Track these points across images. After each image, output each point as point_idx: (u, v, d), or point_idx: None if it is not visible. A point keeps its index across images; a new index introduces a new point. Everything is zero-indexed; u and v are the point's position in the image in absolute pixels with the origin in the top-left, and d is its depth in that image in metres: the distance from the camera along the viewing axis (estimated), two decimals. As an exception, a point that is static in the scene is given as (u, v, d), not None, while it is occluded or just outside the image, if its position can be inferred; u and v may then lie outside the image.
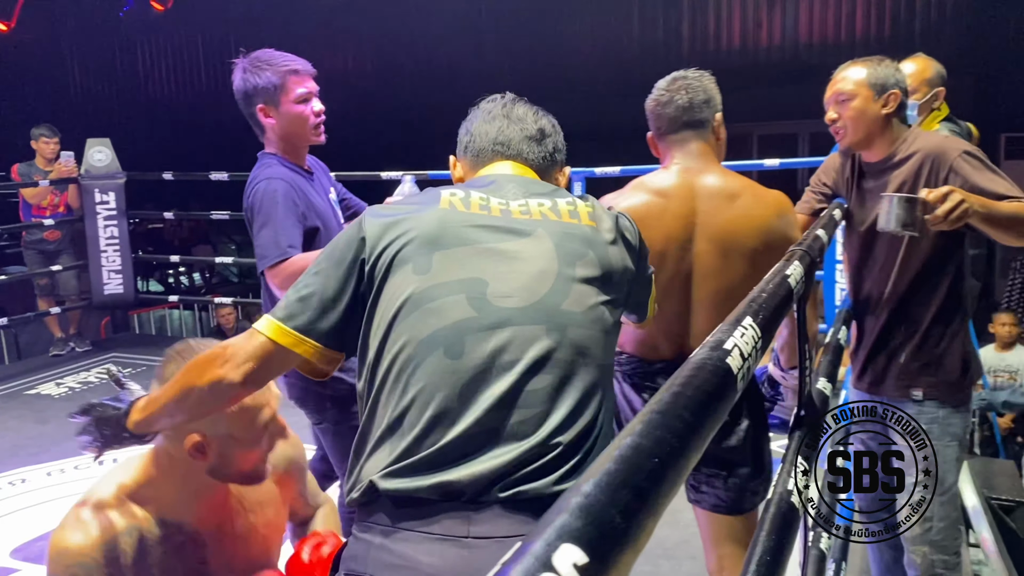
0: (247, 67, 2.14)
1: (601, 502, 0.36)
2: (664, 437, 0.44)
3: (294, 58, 2.16)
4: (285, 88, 2.12)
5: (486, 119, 1.39)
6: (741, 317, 0.72)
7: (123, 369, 5.08)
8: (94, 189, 5.73)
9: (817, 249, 1.24)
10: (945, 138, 2.04)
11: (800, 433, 1.06)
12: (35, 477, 3.68)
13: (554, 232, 1.17)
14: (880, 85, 1.98)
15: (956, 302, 2.09)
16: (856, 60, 2.06)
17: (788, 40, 9.79)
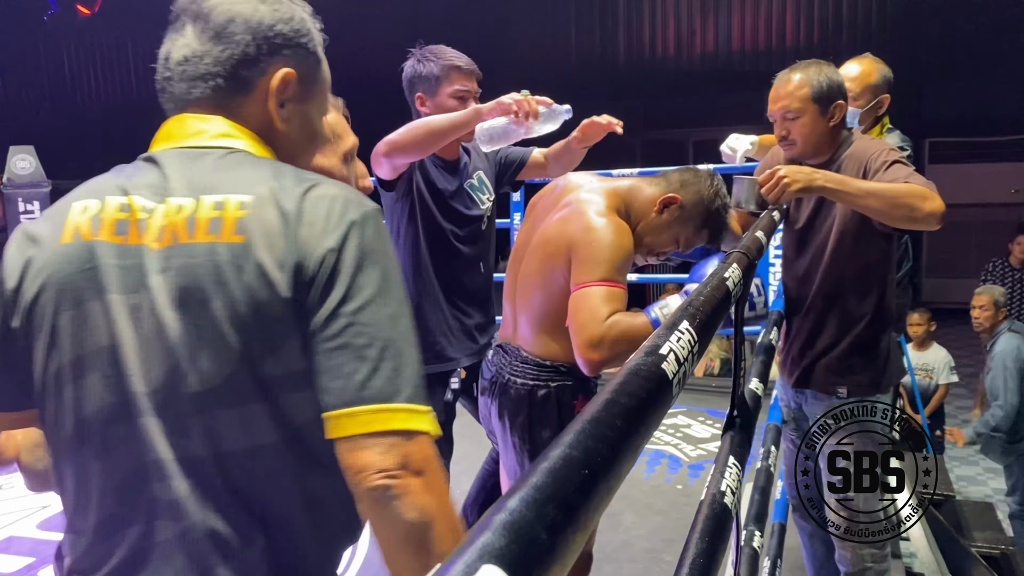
0: (417, 56, 2.21)
1: (526, 518, 0.35)
2: (595, 448, 0.43)
3: (463, 57, 2.21)
4: (444, 81, 2.18)
5: None
6: (678, 321, 0.71)
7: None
8: (17, 199, 5.52)
9: (755, 251, 1.24)
10: (873, 140, 2.08)
11: (732, 433, 1.06)
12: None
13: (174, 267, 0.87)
14: (826, 99, 2.01)
15: (881, 301, 2.12)
16: (796, 67, 2.05)
17: (722, 47, 9.98)
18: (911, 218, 1.82)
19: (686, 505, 3.19)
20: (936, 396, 5.07)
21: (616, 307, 1.55)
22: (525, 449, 1.75)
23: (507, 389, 1.75)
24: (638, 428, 0.49)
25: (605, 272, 1.57)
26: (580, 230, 1.65)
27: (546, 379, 1.72)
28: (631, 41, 10.06)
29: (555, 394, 1.71)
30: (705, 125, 10.19)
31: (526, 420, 1.73)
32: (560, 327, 1.69)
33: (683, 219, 1.76)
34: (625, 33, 10.06)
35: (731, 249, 1.20)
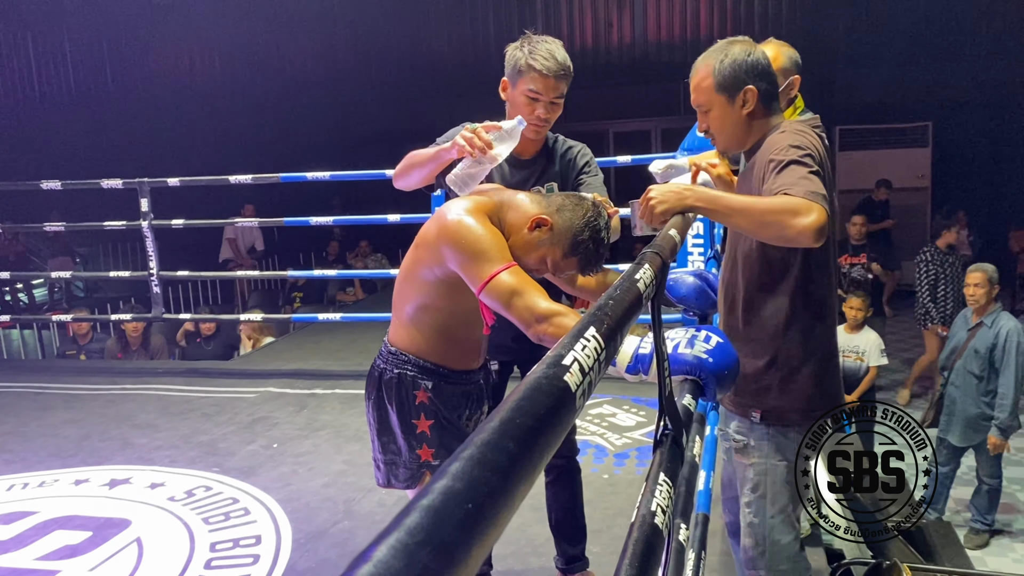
0: (522, 42, 2.19)
1: (393, 569, 0.31)
2: (483, 476, 0.39)
3: (554, 58, 2.13)
4: (523, 76, 2.15)
5: None
6: (584, 328, 0.68)
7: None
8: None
9: (669, 249, 1.22)
10: (781, 134, 1.82)
11: (663, 449, 1.03)
12: None
13: None
14: (730, 86, 1.82)
15: (793, 315, 1.88)
16: (704, 55, 1.88)
17: (638, 40, 10.08)
18: (782, 236, 1.61)
19: (612, 494, 3.20)
20: (867, 378, 5.20)
21: (529, 281, 1.66)
22: (374, 426, 1.96)
23: (370, 372, 1.97)
24: (534, 450, 0.46)
25: (499, 259, 1.67)
26: (449, 225, 1.73)
27: (393, 364, 1.91)
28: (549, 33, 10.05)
29: (397, 379, 1.90)
30: (625, 116, 10.30)
31: (376, 399, 1.94)
32: (404, 318, 1.90)
33: (551, 242, 1.79)
34: (543, 26, 10.06)
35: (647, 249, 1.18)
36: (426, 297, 1.85)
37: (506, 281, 1.63)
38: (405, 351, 1.90)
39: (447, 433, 1.91)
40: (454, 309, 1.86)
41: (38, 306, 9.95)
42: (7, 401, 4.84)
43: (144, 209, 5.10)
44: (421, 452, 1.89)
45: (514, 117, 2.26)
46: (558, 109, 2.25)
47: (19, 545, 3.04)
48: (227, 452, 3.84)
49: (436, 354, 1.90)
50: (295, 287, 8.62)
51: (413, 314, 1.88)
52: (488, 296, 1.66)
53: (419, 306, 1.87)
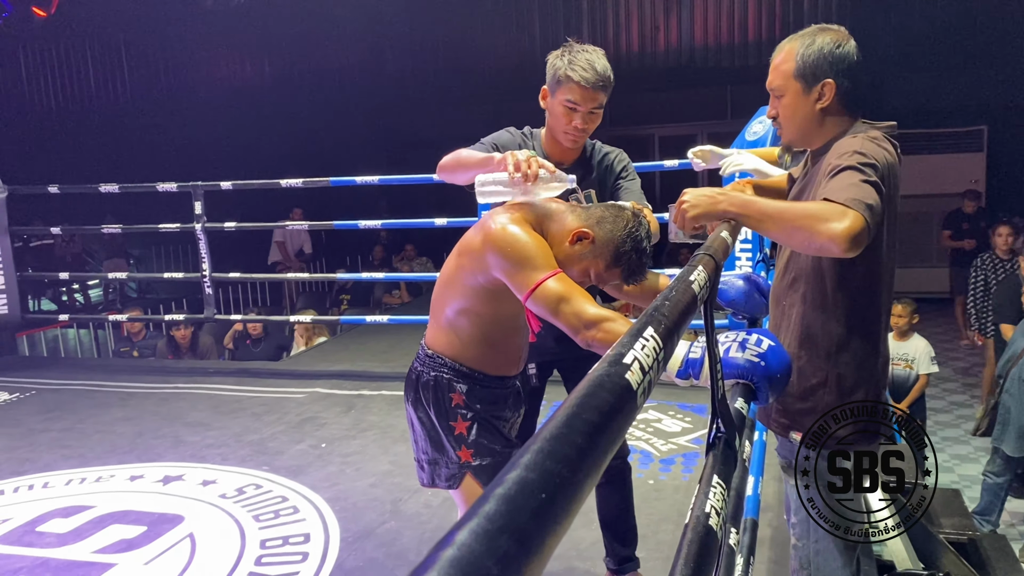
0: (564, 49, 2.20)
1: (476, 553, 0.32)
2: (554, 468, 0.40)
3: (594, 69, 2.14)
4: (562, 86, 2.17)
5: None
6: (642, 328, 0.69)
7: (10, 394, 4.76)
8: (-29, 205, 5.39)
9: (721, 251, 1.22)
10: (853, 138, 1.71)
11: (716, 452, 1.03)
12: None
13: None
14: (810, 75, 1.72)
15: (862, 332, 1.76)
16: (791, 37, 1.77)
17: (684, 44, 10.01)
18: (810, 244, 1.51)
19: (657, 500, 3.18)
20: (916, 386, 5.11)
21: (575, 288, 1.67)
22: (415, 427, 2.00)
23: (409, 375, 2.00)
24: (600, 444, 0.47)
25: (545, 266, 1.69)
26: (495, 233, 1.75)
27: (430, 367, 1.94)
28: (595, 38, 10.06)
29: (434, 382, 1.92)
30: (670, 121, 10.25)
31: (414, 401, 1.97)
32: (443, 323, 1.93)
33: (593, 254, 1.80)
34: (589, 31, 10.06)
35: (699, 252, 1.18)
36: (467, 303, 1.87)
37: (553, 288, 1.65)
38: (442, 355, 1.93)
39: (485, 434, 1.92)
40: (495, 316, 1.88)
41: (93, 306, 10.22)
42: (65, 398, 4.98)
43: (198, 212, 5.22)
44: (461, 454, 1.91)
45: (549, 126, 2.28)
46: (596, 119, 2.25)
47: (77, 538, 3.13)
48: (276, 451, 3.91)
49: (474, 359, 1.92)
50: (343, 289, 8.73)
51: (453, 319, 1.91)
52: (535, 303, 1.68)
53: (459, 311, 1.90)
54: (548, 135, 2.33)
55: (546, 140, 2.35)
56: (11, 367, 5.70)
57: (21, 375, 5.46)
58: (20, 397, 5.03)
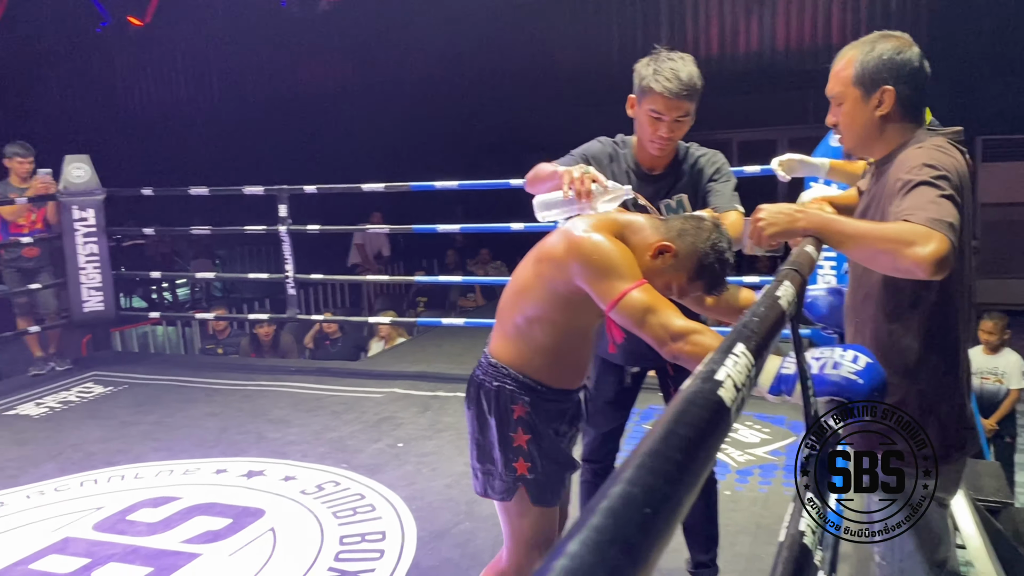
0: (651, 57, 2.22)
1: (587, 563, 0.34)
2: (655, 484, 0.42)
3: (676, 79, 2.16)
4: (646, 96, 2.20)
5: None
6: (733, 344, 0.69)
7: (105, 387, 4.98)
8: (72, 206, 5.66)
9: (807, 266, 1.21)
10: (918, 149, 1.66)
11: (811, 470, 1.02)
12: (14, 500, 3.61)
13: None
14: (869, 82, 1.69)
15: (941, 348, 1.71)
16: (852, 44, 1.75)
17: (765, 47, 9.84)
18: (896, 267, 1.48)
19: (734, 511, 3.14)
20: (1007, 401, 4.93)
21: (662, 299, 1.68)
22: (473, 435, 1.99)
23: (470, 382, 1.99)
24: (697, 459, 0.48)
25: (631, 276, 1.69)
26: (579, 242, 1.75)
27: (492, 376, 1.92)
28: (673, 41, 9.97)
29: (496, 392, 1.90)
30: (749, 126, 10.08)
31: (475, 409, 1.96)
32: (510, 330, 1.91)
33: (676, 268, 1.78)
34: (667, 35, 9.98)
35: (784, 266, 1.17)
36: (541, 311, 1.86)
37: (638, 298, 1.65)
38: (506, 364, 1.91)
39: (544, 448, 1.91)
40: (567, 326, 1.88)
41: (180, 304, 10.61)
42: (155, 393, 5.19)
43: (282, 215, 5.38)
44: (517, 465, 1.90)
45: (641, 133, 2.29)
46: (683, 127, 2.25)
47: (166, 528, 3.26)
48: (354, 449, 4.00)
49: (538, 370, 1.90)
50: (419, 291, 8.85)
51: (523, 326, 1.90)
52: (620, 313, 1.67)
53: (531, 319, 1.88)
54: (639, 142, 2.35)
55: (637, 147, 2.36)
56: (105, 362, 5.97)
57: (114, 369, 5.71)
58: (114, 390, 5.27)
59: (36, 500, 3.61)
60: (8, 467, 3.99)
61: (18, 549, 3.14)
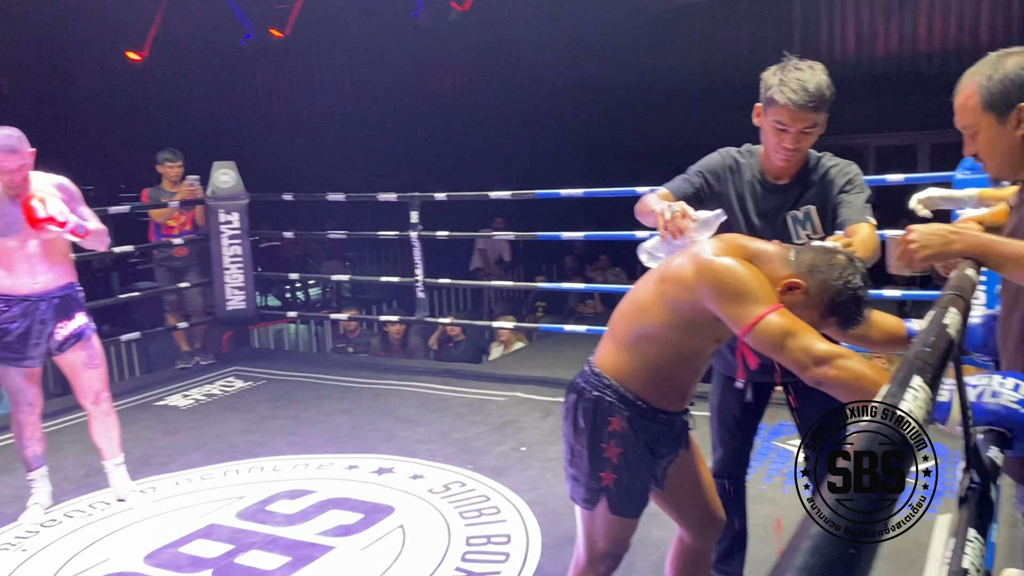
0: (780, 66, 2.19)
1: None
2: (854, 520, 0.43)
3: (802, 90, 2.10)
4: (771, 107, 2.17)
5: None
6: (908, 377, 0.68)
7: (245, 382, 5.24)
8: (219, 210, 6.01)
9: (970, 290, 1.16)
10: None
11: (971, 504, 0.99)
12: (164, 486, 3.87)
13: None
14: (1000, 104, 1.59)
15: None
16: (970, 71, 1.67)
17: (905, 49, 9.40)
18: None
19: (869, 536, 3.03)
20: None
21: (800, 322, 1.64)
22: (567, 440, 1.99)
23: (570, 388, 2.00)
24: (889, 496, 0.48)
25: (766, 300, 1.66)
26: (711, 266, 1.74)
27: (593, 385, 1.91)
28: (806, 43, 9.67)
29: (595, 401, 1.89)
30: (887, 130, 9.64)
31: (572, 416, 1.96)
32: (621, 343, 1.91)
33: (806, 304, 1.72)
34: (800, 38, 9.68)
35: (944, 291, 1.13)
36: (659, 330, 1.85)
37: (776, 322, 1.62)
38: (610, 376, 1.90)
39: (633, 463, 1.90)
40: (680, 347, 1.86)
41: (312, 303, 11.06)
42: (290, 388, 5.45)
43: (413, 220, 5.54)
44: (603, 475, 1.90)
45: (766, 144, 2.24)
46: (810, 138, 2.18)
47: (302, 519, 3.42)
48: (479, 451, 4.08)
49: (643, 386, 1.89)
50: (539, 296, 8.92)
51: (634, 341, 1.89)
52: (756, 338, 1.65)
53: (646, 336, 1.87)
54: (764, 152, 2.30)
55: (763, 157, 2.31)
56: (245, 357, 6.31)
57: (253, 365, 6.03)
58: (253, 385, 5.56)
59: (184, 487, 3.86)
60: (160, 454, 4.28)
61: (169, 532, 3.36)
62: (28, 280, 3.35)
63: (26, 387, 3.48)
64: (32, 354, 3.43)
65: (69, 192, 3.42)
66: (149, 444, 4.38)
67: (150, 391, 5.45)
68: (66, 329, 3.45)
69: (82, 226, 3.31)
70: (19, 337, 3.38)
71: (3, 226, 3.28)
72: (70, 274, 3.50)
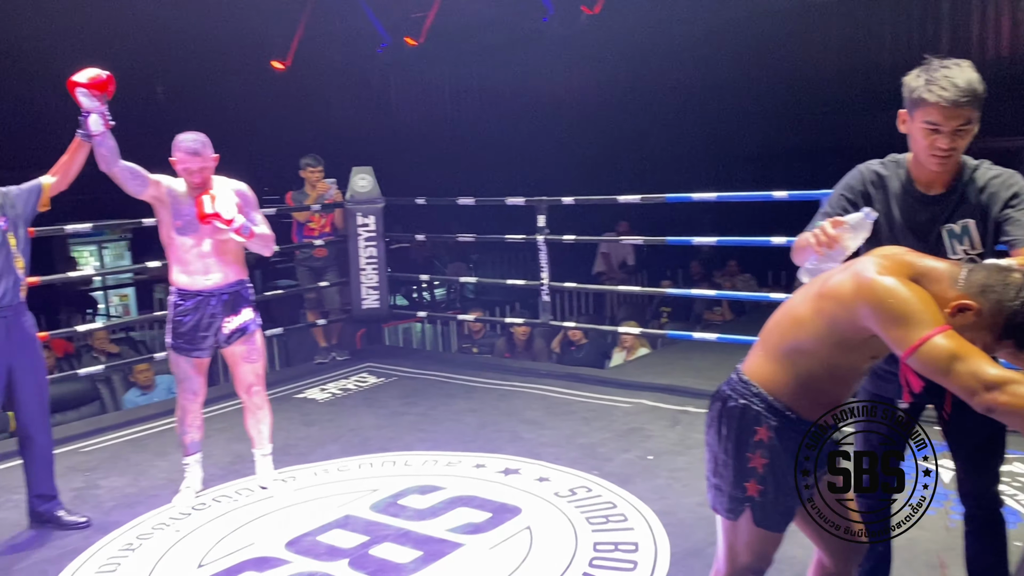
0: (922, 68, 2.11)
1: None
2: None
3: (952, 87, 2.01)
4: (918, 108, 2.08)
5: None
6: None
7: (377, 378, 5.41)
8: (356, 213, 6.25)
9: None
10: None
11: None
12: (303, 476, 4.05)
13: None
14: None
15: None
16: None
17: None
18: None
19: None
20: None
21: (969, 345, 1.57)
22: (711, 448, 1.94)
23: (715, 396, 1.96)
24: None
25: (931, 321, 1.59)
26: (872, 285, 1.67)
27: (740, 394, 1.87)
28: (956, 41, 9.15)
29: (741, 409, 1.85)
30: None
31: (716, 424, 1.92)
32: (772, 353, 1.87)
33: (979, 327, 1.62)
34: (949, 37, 9.17)
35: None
36: (814, 345, 1.81)
37: (942, 345, 1.54)
38: (759, 384, 1.86)
39: (779, 475, 1.84)
40: (834, 363, 1.81)
41: (437, 304, 11.31)
42: (419, 386, 5.60)
43: (540, 224, 5.59)
44: (748, 486, 1.85)
45: (913, 149, 2.12)
46: (966, 137, 2.03)
47: (432, 515, 3.51)
48: (605, 457, 4.07)
49: (792, 397, 1.84)
50: (663, 302, 8.80)
51: (788, 353, 1.85)
52: (920, 360, 1.58)
53: (800, 349, 1.83)
54: (915, 160, 2.18)
55: (913, 165, 2.19)
56: (377, 354, 6.53)
57: (385, 362, 6.23)
58: (385, 381, 5.75)
59: (322, 477, 4.03)
60: (299, 445, 4.48)
61: (307, 521, 3.51)
62: (202, 277, 3.63)
63: (193, 376, 3.74)
64: (201, 345, 3.70)
65: (246, 197, 3.67)
66: (289, 435, 4.59)
67: (290, 384, 5.72)
68: (232, 323, 3.70)
69: (247, 227, 3.52)
70: (190, 329, 3.66)
71: (182, 225, 3.55)
72: (241, 272, 3.75)
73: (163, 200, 3.59)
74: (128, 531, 3.51)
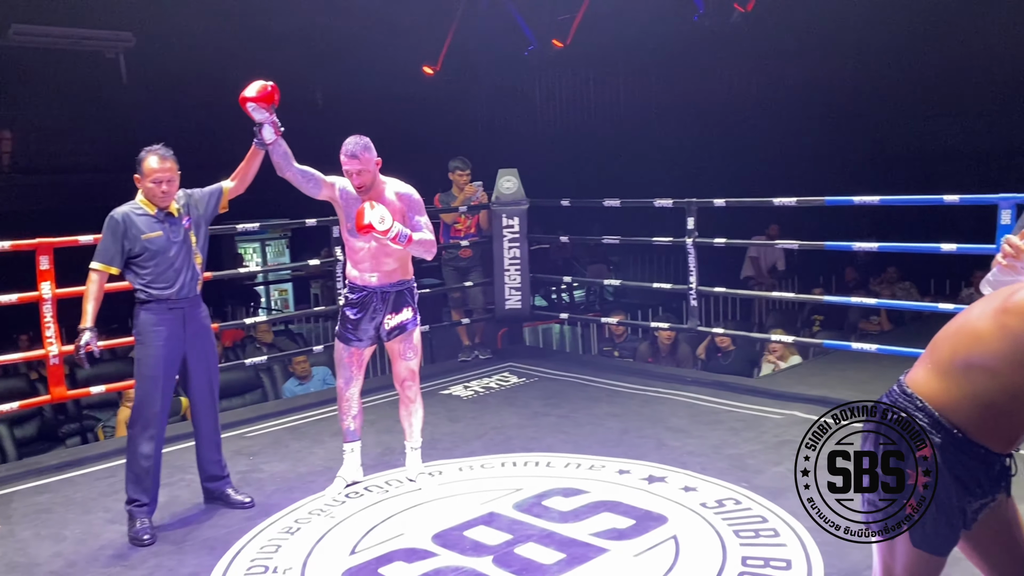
0: None
1: None
2: None
3: None
4: None
5: None
6: None
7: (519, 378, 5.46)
8: (502, 214, 6.34)
9: None
10: None
11: None
12: (449, 470, 4.14)
13: None
14: None
15: None
16: None
17: None
18: None
19: None
20: None
21: None
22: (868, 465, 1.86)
23: (874, 408, 1.88)
24: None
25: None
26: None
27: (904, 406, 1.80)
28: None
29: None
30: None
31: (873, 440, 1.84)
32: (944, 367, 1.77)
33: None
34: None
35: None
36: (993, 361, 1.70)
37: None
38: (925, 398, 1.77)
39: (940, 497, 1.73)
40: (1016, 386, 1.68)
41: (576, 305, 11.31)
42: (561, 388, 5.61)
43: (690, 227, 5.48)
44: (907, 503, 1.76)
45: None
46: None
47: (576, 518, 3.49)
48: (755, 469, 3.94)
49: (962, 416, 1.72)
50: (815, 309, 8.43)
51: (962, 369, 1.74)
52: None
53: (977, 366, 1.72)
54: None
55: None
56: (518, 354, 6.60)
57: (526, 362, 6.28)
58: (526, 381, 5.79)
59: (466, 473, 4.10)
60: (444, 440, 4.58)
61: (453, 515, 3.58)
62: (368, 274, 3.83)
63: (349, 364, 3.93)
64: (363, 337, 3.90)
65: (409, 201, 3.81)
66: (435, 430, 4.70)
67: (435, 380, 5.86)
68: (393, 321, 3.86)
69: (404, 235, 3.61)
70: (356, 320, 3.87)
71: (352, 226, 3.71)
72: (405, 273, 3.91)
73: (337, 201, 3.81)
74: (287, 515, 3.70)
